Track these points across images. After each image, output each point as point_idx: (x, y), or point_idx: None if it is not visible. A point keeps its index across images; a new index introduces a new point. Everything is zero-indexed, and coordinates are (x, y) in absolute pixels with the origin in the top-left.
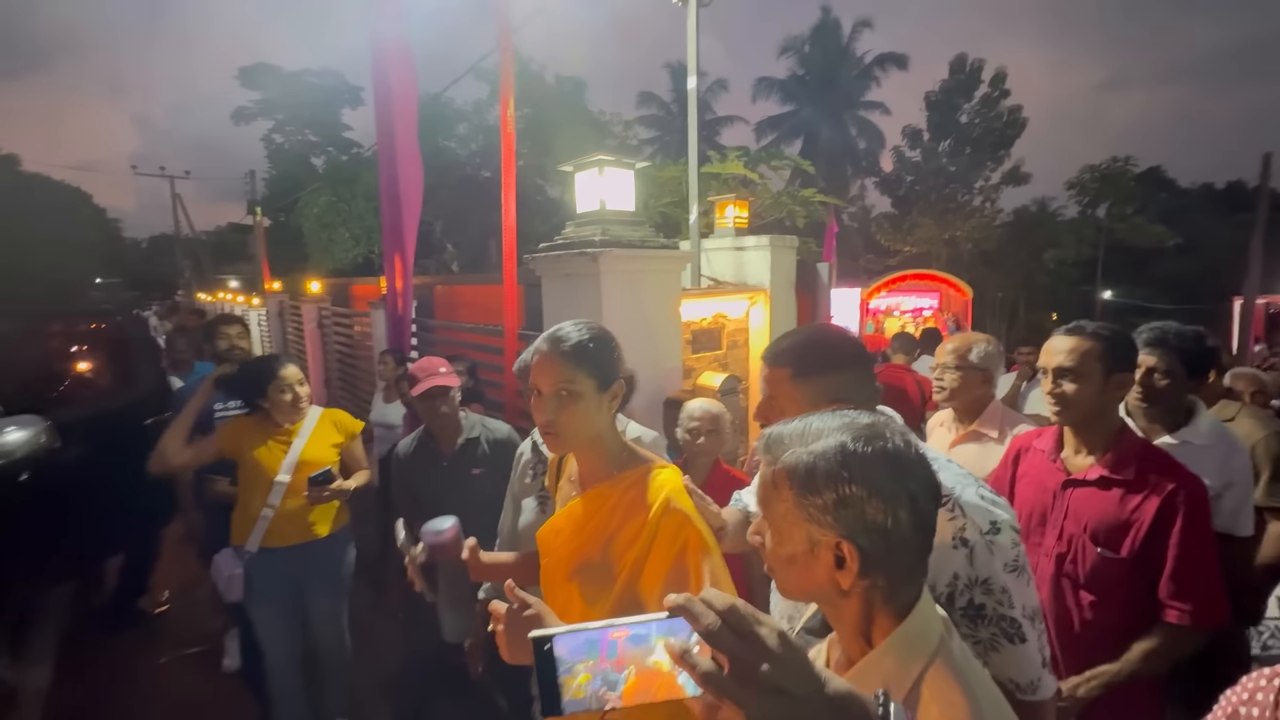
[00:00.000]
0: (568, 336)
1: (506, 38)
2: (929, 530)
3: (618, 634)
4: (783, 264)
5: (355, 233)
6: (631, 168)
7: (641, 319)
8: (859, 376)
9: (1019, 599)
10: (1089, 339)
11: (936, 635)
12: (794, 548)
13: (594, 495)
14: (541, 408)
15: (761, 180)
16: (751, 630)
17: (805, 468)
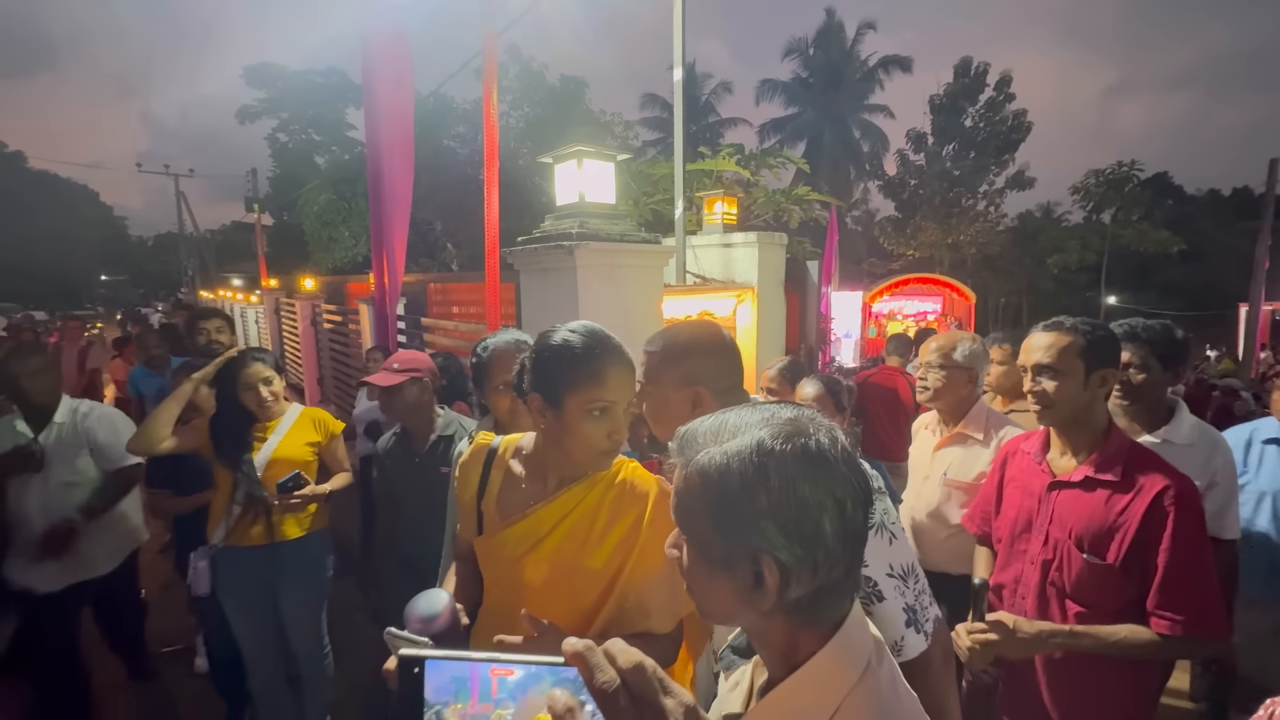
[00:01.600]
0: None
1: (491, 32)
2: (859, 540)
3: (501, 672)
4: (771, 261)
5: (355, 231)
6: (612, 160)
7: (621, 315)
8: (720, 367)
9: (875, 558)
10: (1068, 334)
11: (861, 664)
12: (708, 563)
13: (571, 496)
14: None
15: (757, 179)
16: (655, 700)
17: (718, 469)
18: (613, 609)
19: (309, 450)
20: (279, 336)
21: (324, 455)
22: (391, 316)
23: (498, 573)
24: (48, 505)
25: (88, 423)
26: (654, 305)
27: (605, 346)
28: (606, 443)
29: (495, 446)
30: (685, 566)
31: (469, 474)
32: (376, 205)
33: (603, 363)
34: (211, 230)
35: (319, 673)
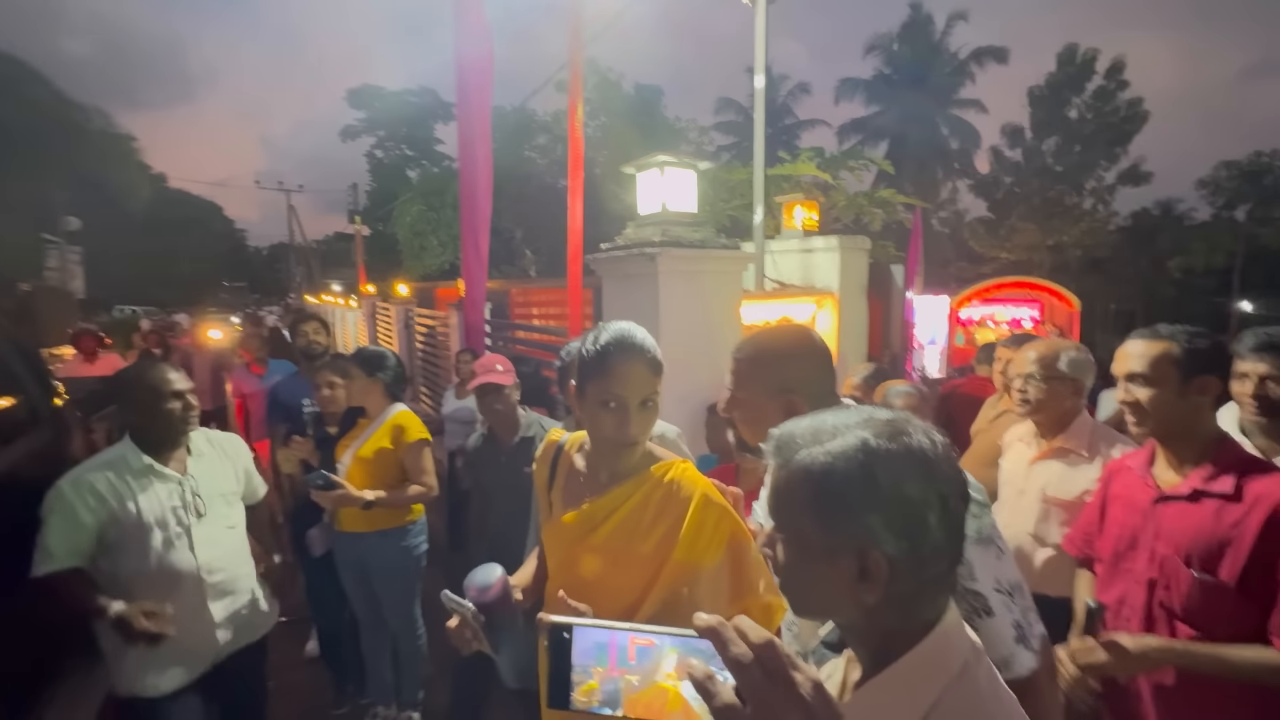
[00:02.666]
0: (647, 345)
1: (577, 46)
2: (960, 536)
3: (639, 640)
4: (853, 266)
5: (443, 239)
6: (694, 168)
7: (701, 321)
8: (812, 373)
9: (984, 572)
10: (1162, 341)
11: (959, 661)
12: (810, 558)
13: (622, 492)
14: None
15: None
16: (785, 673)
17: (822, 467)
18: (658, 600)
19: (380, 455)
20: (374, 339)
21: (404, 461)
22: (480, 321)
23: (558, 558)
24: (212, 559)
25: (229, 450)
26: (733, 311)
27: (621, 345)
28: (615, 433)
29: (562, 443)
30: (781, 563)
31: (541, 467)
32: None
33: (614, 359)
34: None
35: (414, 650)
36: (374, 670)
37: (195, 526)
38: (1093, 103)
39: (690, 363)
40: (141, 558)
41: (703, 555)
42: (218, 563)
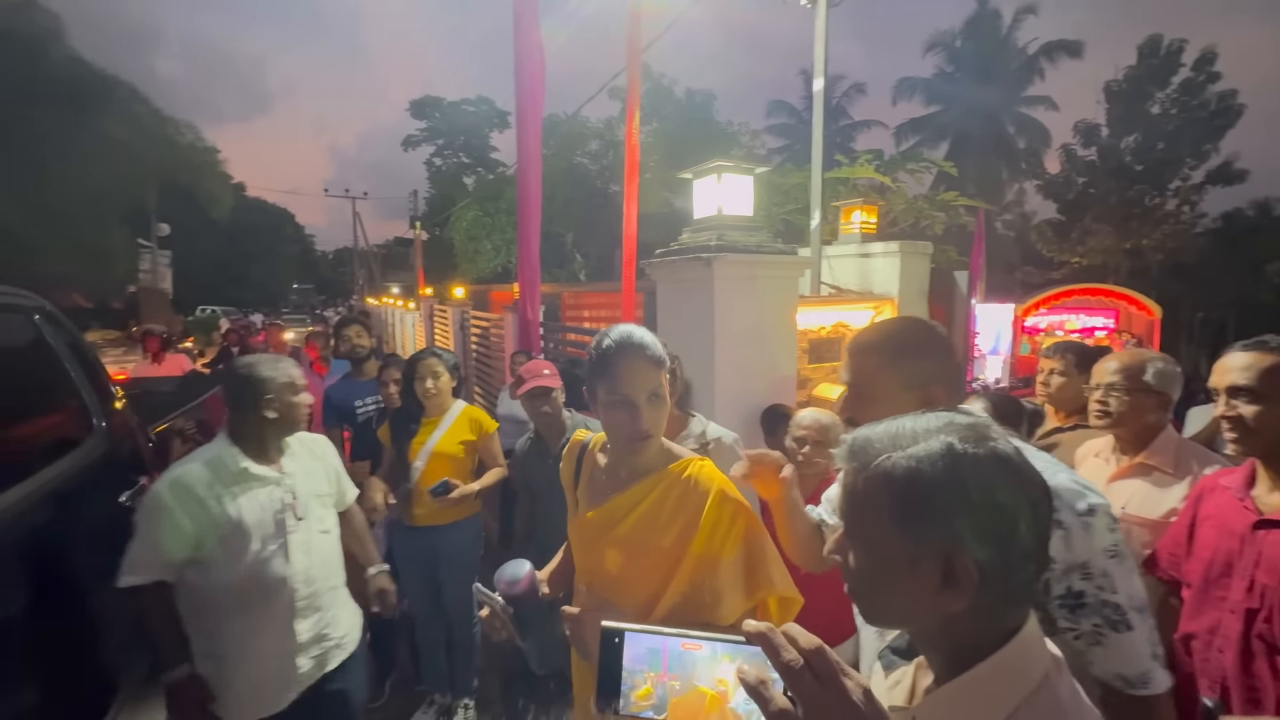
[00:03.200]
0: (647, 341)
1: (635, 53)
2: (1047, 543)
3: (688, 645)
4: (914, 271)
5: (497, 244)
6: (750, 173)
7: (755, 326)
8: (947, 363)
9: (1123, 585)
10: (1273, 354)
11: (1039, 672)
12: (889, 564)
13: (641, 488)
14: (641, 413)
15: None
16: (837, 679)
17: (906, 472)
18: (678, 593)
19: (464, 447)
20: (431, 339)
21: (480, 451)
22: (534, 323)
23: (582, 553)
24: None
25: (318, 450)
26: (789, 316)
27: (622, 345)
28: (628, 429)
29: (587, 442)
30: (855, 569)
31: (567, 466)
32: (524, 221)
33: (617, 360)
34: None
35: (469, 641)
36: (430, 661)
37: (293, 532)
38: (1178, 97)
39: (745, 367)
40: (235, 568)
41: (720, 549)
42: (313, 571)
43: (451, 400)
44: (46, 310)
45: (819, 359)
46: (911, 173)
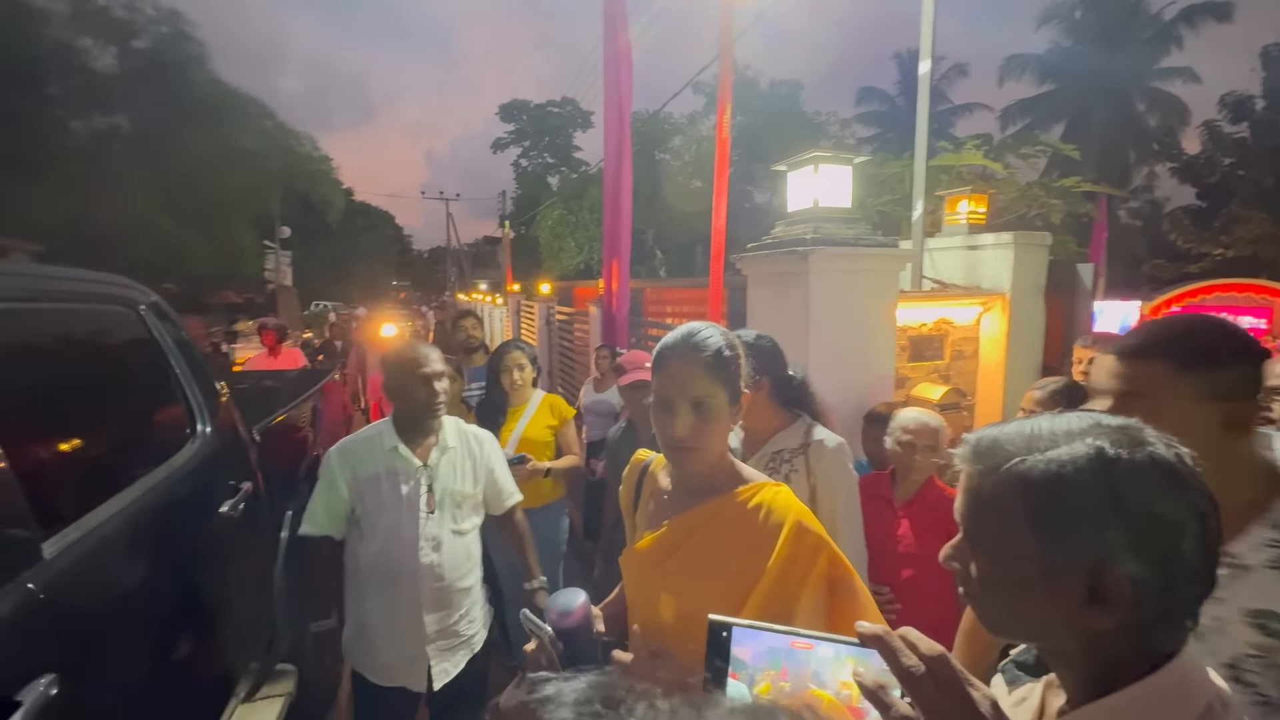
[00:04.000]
0: (705, 342)
1: (727, 47)
2: (1215, 563)
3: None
4: (1029, 265)
5: (580, 241)
6: (849, 163)
7: (852, 322)
8: (1252, 371)
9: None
10: None
11: (1199, 704)
12: (1022, 575)
13: (699, 514)
14: (676, 418)
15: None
16: (961, 688)
17: (1048, 477)
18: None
19: (549, 432)
20: (518, 334)
21: (558, 437)
22: (621, 318)
23: (633, 589)
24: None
25: (485, 449)
26: (888, 312)
27: (674, 343)
28: (664, 434)
29: (649, 462)
30: (978, 579)
31: (626, 489)
32: (612, 218)
33: (668, 356)
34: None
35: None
36: (519, 639)
37: (424, 523)
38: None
39: (841, 365)
40: (372, 544)
41: (797, 590)
42: (442, 568)
43: (533, 390)
44: (153, 302)
45: (919, 357)
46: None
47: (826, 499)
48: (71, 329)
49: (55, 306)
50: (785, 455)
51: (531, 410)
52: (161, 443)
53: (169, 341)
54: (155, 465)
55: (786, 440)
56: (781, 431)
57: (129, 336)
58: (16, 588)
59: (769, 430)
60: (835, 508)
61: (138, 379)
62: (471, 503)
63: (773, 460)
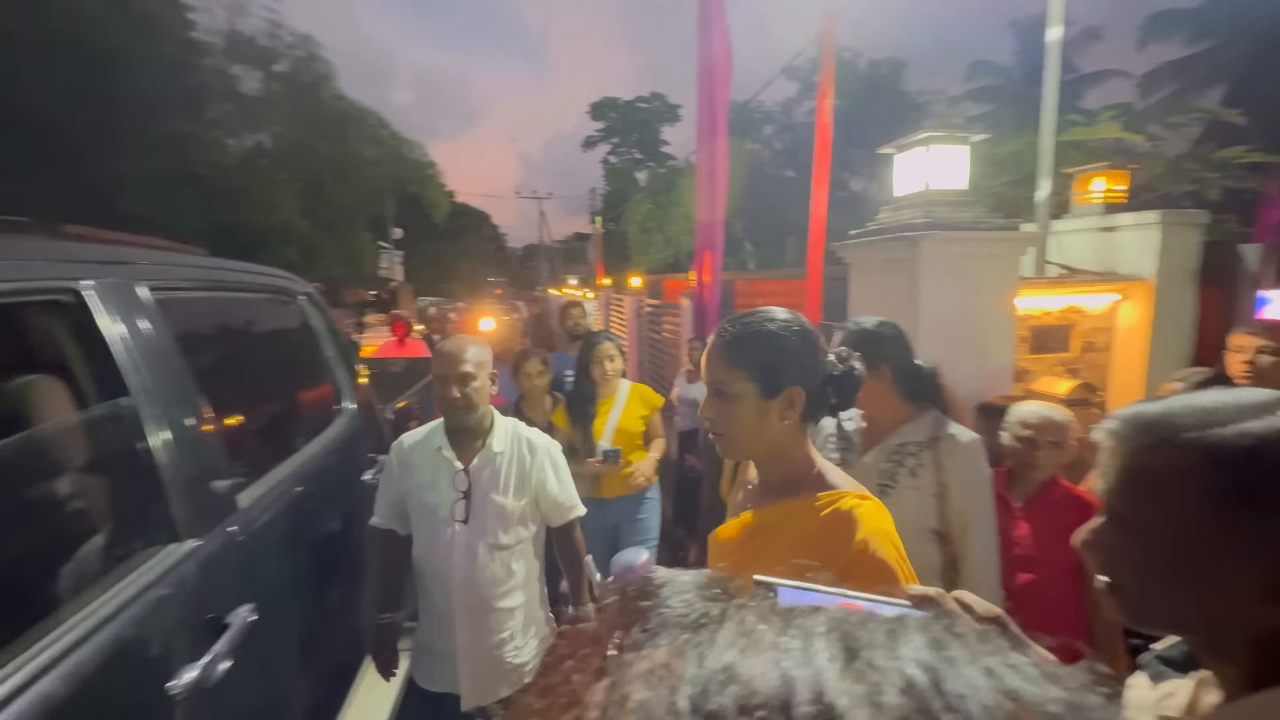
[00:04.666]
0: (739, 331)
1: (830, 31)
2: None
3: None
4: (1178, 247)
5: (668, 235)
6: (965, 142)
7: (965, 311)
8: None
9: None
10: None
11: None
12: (1189, 562)
13: (773, 512)
14: (705, 403)
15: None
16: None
17: (1237, 451)
18: None
19: (641, 421)
20: (608, 327)
21: (648, 425)
22: (712, 310)
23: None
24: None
25: (538, 458)
26: (1006, 301)
27: (721, 326)
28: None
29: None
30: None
31: (726, 476)
32: (705, 211)
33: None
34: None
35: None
36: None
37: (457, 531)
38: None
39: (954, 358)
40: (417, 545)
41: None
42: (470, 583)
43: (620, 380)
44: (308, 293)
45: (1042, 349)
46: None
47: (958, 498)
48: (250, 315)
49: (237, 296)
50: (910, 449)
51: (622, 400)
52: (318, 416)
53: (320, 328)
54: (314, 436)
55: (913, 433)
56: (907, 424)
57: (292, 323)
58: (221, 531)
59: (893, 421)
60: (968, 507)
61: (300, 360)
62: (515, 515)
63: (896, 453)
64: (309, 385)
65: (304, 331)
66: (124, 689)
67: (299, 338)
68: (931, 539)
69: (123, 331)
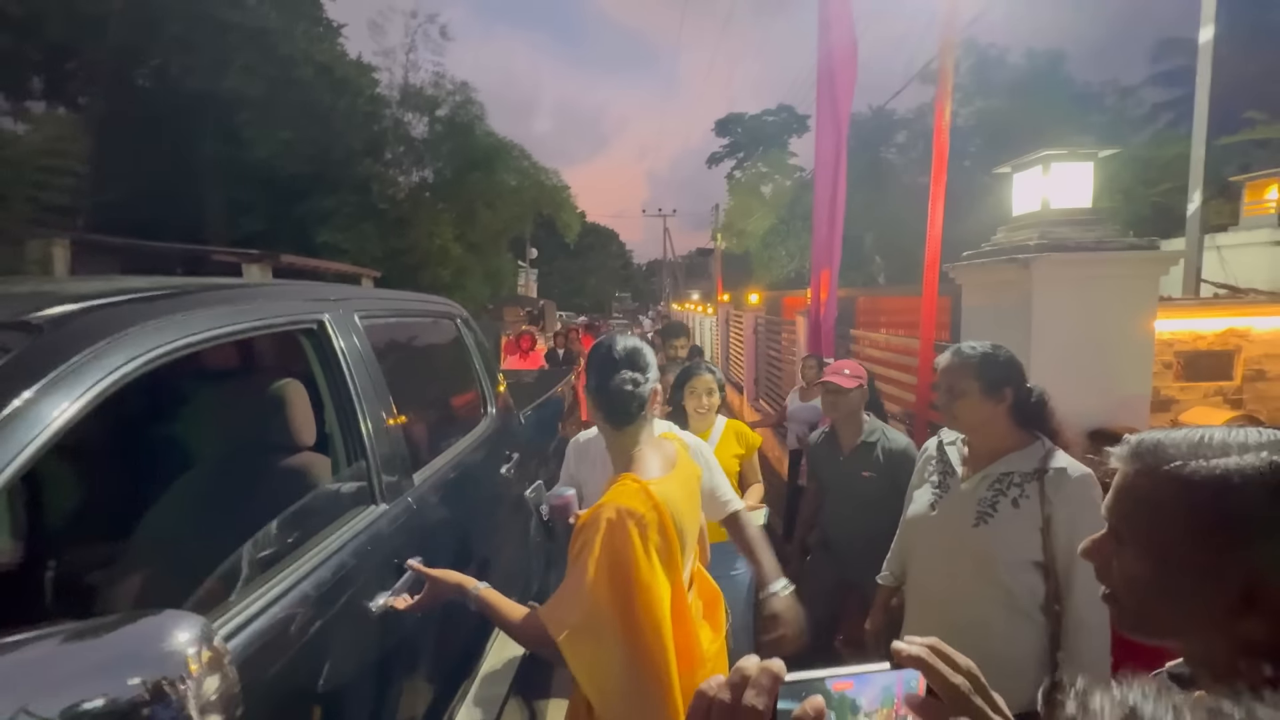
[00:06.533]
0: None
1: (949, 38)
2: None
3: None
4: None
5: (791, 250)
6: (1091, 158)
7: (1087, 337)
8: None
9: None
10: None
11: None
12: (1173, 572)
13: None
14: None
15: None
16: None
17: (1213, 481)
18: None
19: (735, 461)
20: (726, 342)
21: (744, 466)
22: (826, 328)
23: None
24: None
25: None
26: (1140, 324)
27: None
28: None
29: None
30: (1120, 572)
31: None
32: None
33: None
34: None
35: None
36: None
37: None
38: None
39: (1073, 386)
40: None
41: None
42: None
43: (716, 416)
44: (463, 316)
45: (1195, 376)
46: None
47: (1065, 534)
48: (420, 335)
49: (415, 320)
50: (1015, 479)
51: (715, 438)
52: (468, 418)
53: (471, 344)
54: (465, 433)
55: (1019, 463)
56: (1015, 452)
57: (452, 339)
58: (403, 499)
59: (999, 449)
60: (1074, 545)
61: (455, 371)
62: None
63: (999, 482)
64: (462, 392)
65: (458, 347)
66: (344, 602)
67: (455, 353)
68: (1034, 570)
69: (347, 348)
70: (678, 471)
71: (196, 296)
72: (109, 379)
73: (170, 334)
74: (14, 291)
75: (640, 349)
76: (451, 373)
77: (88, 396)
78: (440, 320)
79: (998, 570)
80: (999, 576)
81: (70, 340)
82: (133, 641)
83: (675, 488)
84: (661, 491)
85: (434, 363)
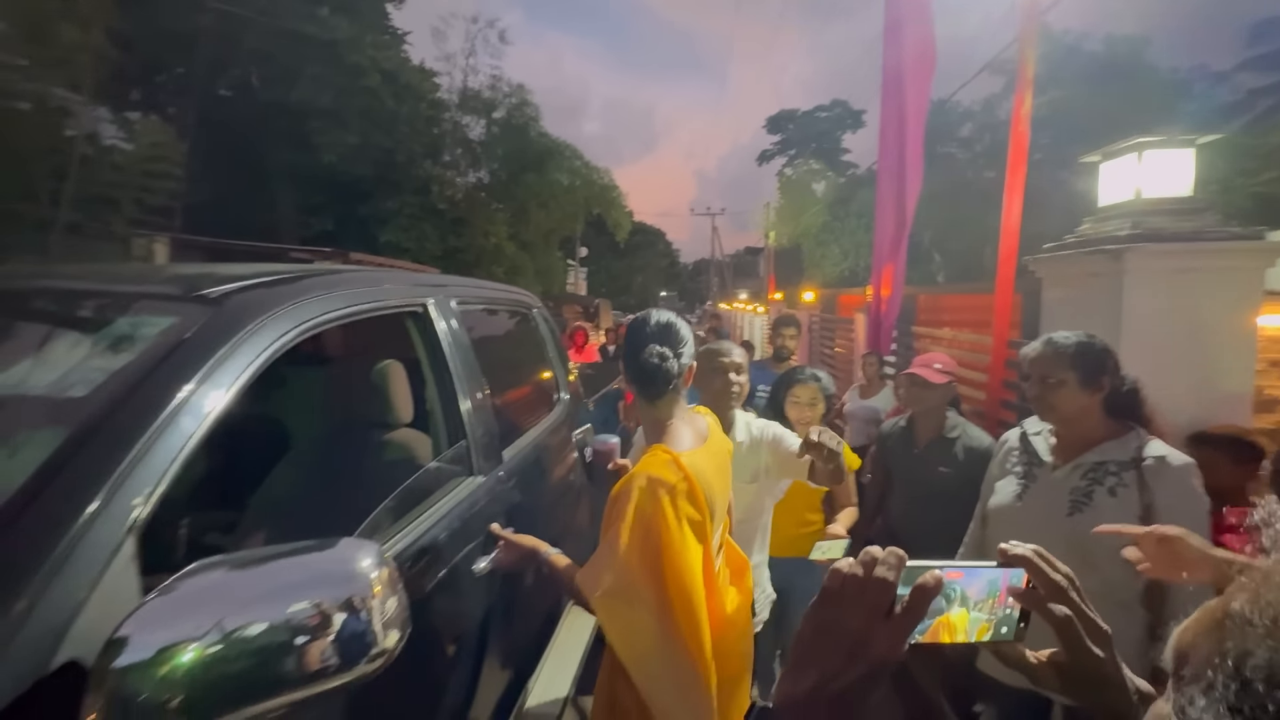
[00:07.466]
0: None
1: (1029, 28)
2: None
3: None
4: None
5: (845, 247)
6: (1190, 145)
7: (1186, 331)
8: None
9: None
10: None
11: None
12: None
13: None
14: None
15: None
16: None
17: None
18: None
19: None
20: None
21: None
22: (887, 325)
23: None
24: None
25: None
26: (1243, 319)
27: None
28: None
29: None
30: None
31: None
32: (886, 223)
33: None
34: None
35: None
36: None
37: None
38: None
39: (1168, 382)
40: None
41: None
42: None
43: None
44: (538, 307)
45: None
46: None
47: (1166, 522)
48: (504, 323)
49: (500, 309)
50: (1110, 468)
51: None
52: (545, 401)
53: (545, 334)
54: (543, 416)
55: (1114, 452)
56: (1109, 442)
57: (531, 329)
58: (495, 473)
59: (1093, 438)
60: None
61: (534, 358)
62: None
63: (1093, 471)
64: (539, 377)
65: (536, 336)
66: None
67: (533, 340)
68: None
69: (446, 331)
70: (709, 445)
71: (328, 279)
72: (273, 347)
73: (316, 309)
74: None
75: (674, 324)
76: (531, 359)
77: (259, 362)
78: (520, 310)
79: (1097, 559)
80: (1098, 566)
81: (245, 311)
82: (324, 564)
83: (705, 460)
84: (692, 462)
85: (516, 349)
